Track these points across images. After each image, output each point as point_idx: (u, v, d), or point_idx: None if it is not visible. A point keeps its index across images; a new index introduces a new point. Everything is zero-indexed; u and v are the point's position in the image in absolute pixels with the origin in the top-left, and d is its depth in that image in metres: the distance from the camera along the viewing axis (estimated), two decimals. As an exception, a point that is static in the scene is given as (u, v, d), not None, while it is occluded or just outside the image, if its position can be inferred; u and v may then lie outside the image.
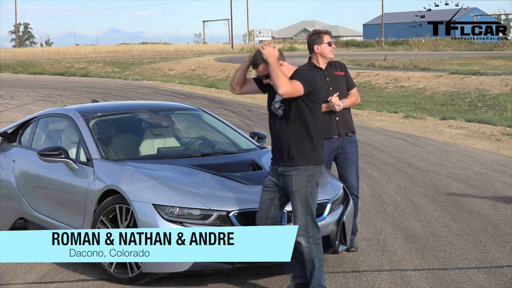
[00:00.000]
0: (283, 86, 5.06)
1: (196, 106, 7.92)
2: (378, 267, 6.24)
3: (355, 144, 6.81)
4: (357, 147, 6.83)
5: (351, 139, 6.78)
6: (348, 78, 6.84)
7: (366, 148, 12.91)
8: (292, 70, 5.30)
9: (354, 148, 6.79)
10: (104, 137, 6.76)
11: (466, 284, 5.78)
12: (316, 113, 5.23)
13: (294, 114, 5.20)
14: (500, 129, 15.14)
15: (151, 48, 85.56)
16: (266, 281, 5.89)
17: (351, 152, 6.77)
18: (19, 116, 18.42)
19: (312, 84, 5.19)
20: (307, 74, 5.25)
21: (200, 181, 5.97)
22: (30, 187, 6.99)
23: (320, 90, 5.27)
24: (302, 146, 5.19)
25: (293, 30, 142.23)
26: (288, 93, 5.08)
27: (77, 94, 27.08)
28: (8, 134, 7.73)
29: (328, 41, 6.72)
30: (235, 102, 23.44)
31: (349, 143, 6.77)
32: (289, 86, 5.08)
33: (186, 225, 5.54)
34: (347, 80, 6.81)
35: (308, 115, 5.19)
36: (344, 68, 6.87)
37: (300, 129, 5.20)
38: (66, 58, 68.42)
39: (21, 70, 48.45)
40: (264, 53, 5.20)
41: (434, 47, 71.15)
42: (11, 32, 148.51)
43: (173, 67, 47.83)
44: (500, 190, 9.29)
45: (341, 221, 6.11)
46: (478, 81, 24.37)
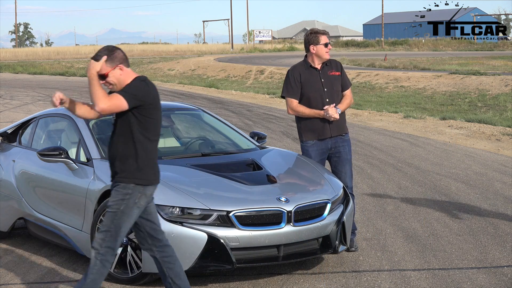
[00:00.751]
0: (99, 102, 4.61)
1: (196, 106, 7.92)
2: (378, 267, 6.24)
3: (349, 143, 6.84)
4: (350, 146, 6.87)
5: (344, 138, 6.82)
6: (344, 77, 6.83)
7: (366, 148, 12.91)
8: (131, 78, 4.78)
9: (348, 147, 6.82)
10: (104, 137, 6.76)
11: (466, 284, 5.78)
12: (150, 128, 4.77)
13: (121, 128, 4.77)
14: (500, 129, 15.14)
15: (151, 48, 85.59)
16: (266, 281, 5.89)
17: (345, 152, 6.80)
18: (19, 116, 18.41)
19: (141, 98, 4.68)
20: (137, 87, 4.72)
21: (200, 181, 5.97)
22: (30, 187, 6.99)
23: (155, 105, 4.77)
24: (125, 163, 4.76)
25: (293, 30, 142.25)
26: (105, 110, 4.63)
27: (77, 94, 27.08)
28: (8, 134, 7.73)
29: (324, 42, 6.69)
30: (235, 102, 23.44)
31: (342, 142, 6.80)
32: (106, 103, 4.62)
33: (186, 225, 5.54)
34: (342, 79, 6.81)
35: (137, 130, 4.73)
36: (340, 67, 6.86)
37: (126, 145, 4.76)
38: (66, 58, 68.43)
39: (21, 70, 48.43)
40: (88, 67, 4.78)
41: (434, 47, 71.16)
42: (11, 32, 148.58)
43: (173, 67, 47.84)
44: (500, 190, 9.29)
45: (341, 221, 6.11)
46: (478, 81, 24.37)
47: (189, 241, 5.50)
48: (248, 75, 37.39)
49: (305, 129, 6.77)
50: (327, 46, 6.71)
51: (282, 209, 5.72)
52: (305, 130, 6.78)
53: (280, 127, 16.14)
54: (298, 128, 6.87)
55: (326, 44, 6.70)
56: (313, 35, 6.74)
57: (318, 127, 6.72)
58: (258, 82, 34.16)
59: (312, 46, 6.72)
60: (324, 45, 6.69)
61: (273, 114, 19.10)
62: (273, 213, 5.71)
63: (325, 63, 6.80)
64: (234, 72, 39.48)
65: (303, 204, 5.85)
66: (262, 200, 5.76)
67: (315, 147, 6.77)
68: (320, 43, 6.69)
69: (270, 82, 33.61)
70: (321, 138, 6.74)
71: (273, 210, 5.71)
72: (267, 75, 36.09)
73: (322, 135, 6.73)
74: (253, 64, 42.48)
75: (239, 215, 5.61)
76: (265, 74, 36.57)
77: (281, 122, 17.24)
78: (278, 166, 6.53)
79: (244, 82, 34.97)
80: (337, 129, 6.76)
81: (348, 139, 6.87)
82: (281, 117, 18.37)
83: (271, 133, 14.89)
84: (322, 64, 6.78)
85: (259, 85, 32.57)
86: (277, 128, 16.06)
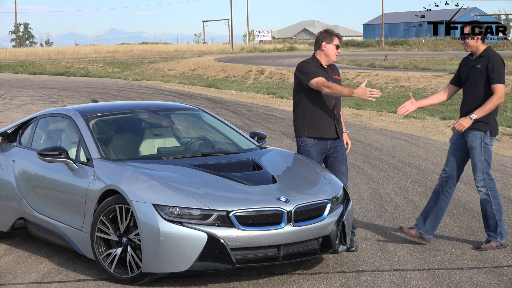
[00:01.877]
0: None
1: (196, 106, 7.92)
2: (378, 267, 6.24)
3: (343, 143, 6.90)
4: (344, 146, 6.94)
5: (341, 139, 6.89)
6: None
7: (366, 148, 12.91)
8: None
9: (343, 148, 6.89)
10: (104, 137, 6.76)
11: (466, 284, 5.78)
12: None
13: None
14: (500, 129, 15.14)
15: (151, 48, 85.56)
16: (266, 281, 5.89)
17: (341, 152, 6.87)
18: (19, 116, 18.41)
19: None
20: None
21: (200, 181, 5.97)
22: (30, 187, 6.98)
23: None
24: None
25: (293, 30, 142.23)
26: None
27: (77, 94, 27.08)
28: (8, 134, 7.73)
29: (337, 43, 6.80)
30: (235, 102, 23.44)
31: (339, 142, 6.88)
32: None
33: (186, 225, 5.54)
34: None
35: None
36: (338, 73, 6.99)
37: None
38: (66, 58, 68.42)
39: (21, 70, 48.43)
40: None
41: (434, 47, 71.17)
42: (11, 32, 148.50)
43: (173, 67, 47.84)
44: (500, 190, 9.28)
45: (341, 221, 6.11)
46: (478, 81, 24.35)
47: (189, 241, 5.50)
48: (248, 75, 37.39)
49: (308, 125, 6.74)
50: (338, 49, 6.79)
51: (282, 209, 5.72)
52: (308, 126, 6.74)
53: (280, 127, 16.14)
54: (298, 123, 6.80)
55: (337, 47, 6.78)
56: (327, 34, 6.82)
57: (324, 125, 6.73)
58: (258, 82, 34.17)
59: (325, 44, 6.76)
60: (335, 46, 6.77)
61: (273, 114, 19.10)
62: (273, 213, 5.71)
63: (330, 66, 6.87)
64: (234, 72, 39.49)
65: (303, 204, 5.85)
66: (262, 200, 5.76)
67: (315, 147, 6.77)
68: (333, 43, 6.77)
69: (270, 82, 33.62)
70: (322, 138, 6.75)
71: (273, 210, 5.71)
72: (267, 75, 36.10)
73: (326, 134, 6.75)
74: (253, 64, 42.48)
75: (239, 215, 5.61)
76: (265, 74, 36.59)
77: (281, 122, 17.24)
78: (278, 166, 6.53)
79: (244, 82, 34.98)
80: (340, 129, 6.86)
81: (343, 139, 6.94)
82: (281, 117, 18.37)
83: (271, 133, 14.89)
84: (327, 66, 6.84)
85: (259, 85, 32.58)
86: (277, 128, 16.06)
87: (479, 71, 6.65)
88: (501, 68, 6.62)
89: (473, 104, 6.69)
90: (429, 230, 6.85)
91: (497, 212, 6.70)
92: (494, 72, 6.59)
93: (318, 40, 6.84)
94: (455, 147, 6.89)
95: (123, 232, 5.89)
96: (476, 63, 6.70)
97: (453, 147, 6.91)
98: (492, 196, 6.72)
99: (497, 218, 6.69)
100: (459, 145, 6.86)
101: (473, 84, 6.70)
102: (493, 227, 6.70)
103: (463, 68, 6.86)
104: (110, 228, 5.93)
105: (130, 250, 5.83)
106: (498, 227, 6.69)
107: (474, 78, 6.68)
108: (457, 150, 6.88)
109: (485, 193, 6.73)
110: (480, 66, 6.65)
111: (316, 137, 6.77)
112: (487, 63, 6.62)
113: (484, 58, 6.66)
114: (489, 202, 6.71)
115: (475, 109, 6.65)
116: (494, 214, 6.69)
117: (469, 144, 6.73)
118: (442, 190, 6.89)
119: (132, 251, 5.82)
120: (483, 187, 6.73)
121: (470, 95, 6.72)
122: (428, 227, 6.85)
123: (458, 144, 6.87)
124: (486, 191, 6.73)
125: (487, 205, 6.72)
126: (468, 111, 6.69)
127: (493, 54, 6.66)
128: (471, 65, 6.74)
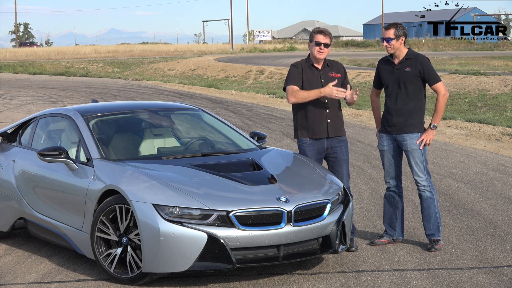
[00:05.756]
0: None
1: (196, 106, 7.92)
2: (378, 267, 6.24)
3: (345, 143, 6.86)
4: (347, 147, 6.89)
5: (341, 139, 6.84)
6: (345, 80, 6.83)
7: (366, 148, 12.91)
8: None
9: (344, 148, 6.84)
10: (104, 137, 6.76)
11: (466, 284, 5.78)
12: None
13: None
14: (500, 129, 15.14)
15: (151, 48, 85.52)
16: (266, 281, 5.89)
17: (342, 152, 6.81)
18: (19, 116, 18.41)
19: None
20: None
21: (200, 181, 5.97)
22: (30, 187, 6.99)
23: None
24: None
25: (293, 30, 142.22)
26: None
27: (77, 94, 27.08)
28: (8, 134, 7.73)
29: (317, 40, 6.71)
30: (235, 102, 23.44)
31: (339, 143, 6.81)
32: None
33: (186, 225, 5.54)
34: (343, 82, 6.80)
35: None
36: (342, 70, 6.87)
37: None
38: (66, 58, 68.39)
39: (21, 70, 48.41)
40: None
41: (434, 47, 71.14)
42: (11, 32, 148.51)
43: (173, 67, 47.83)
44: (500, 190, 9.29)
45: (341, 221, 6.11)
46: (478, 81, 24.36)
47: (189, 241, 5.50)
48: (248, 75, 37.38)
49: (301, 127, 6.79)
50: (319, 46, 6.70)
51: (282, 209, 5.73)
52: (301, 128, 6.79)
53: (280, 127, 16.14)
54: (294, 124, 6.90)
55: (318, 43, 6.70)
56: (312, 32, 6.84)
57: (315, 126, 6.72)
58: (258, 82, 34.16)
59: (309, 43, 6.81)
60: (315, 44, 6.70)
61: (273, 114, 19.10)
62: (273, 213, 5.71)
63: (327, 64, 6.81)
64: (234, 72, 39.48)
65: (303, 204, 5.86)
66: (262, 200, 5.76)
67: (311, 146, 6.78)
68: (314, 40, 6.73)
69: (270, 82, 33.61)
70: (317, 138, 6.75)
71: (273, 210, 5.71)
72: (267, 75, 36.09)
73: (318, 134, 6.73)
74: (253, 64, 42.47)
75: (239, 215, 5.62)
76: (265, 74, 36.58)
77: (281, 122, 17.25)
78: (278, 166, 6.53)
79: (244, 82, 34.98)
80: (334, 131, 6.77)
81: (345, 140, 6.88)
82: (281, 117, 18.37)
83: (271, 133, 14.90)
84: (323, 65, 6.79)
85: (259, 85, 32.57)
86: (277, 128, 16.06)
87: (410, 74, 6.70)
88: (432, 68, 6.74)
89: (404, 106, 6.72)
90: (399, 233, 6.98)
91: (438, 210, 6.83)
92: (430, 74, 6.71)
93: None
94: (388, 154, 6.88)
95: (123, 232, 5.89)
96: (403, 66, 6.74)
97: (386, 154, 6.89)
98: (435, 195, 6.85)
99: (439, 215, 6.79)
100: (391, 150, 6.88)
101: (402, 87, 6.72)
102: (436, 225, 6.75)
103: (385, 72, 6.86)
104: (110, 228, 5.94)
105: (130, 250, 5.83)
106: (440, 225, 6.77)
107: (405, 81, 6.72)
108: (391, 156, 6.88)
109: (429, 191, 6.81)
110: (410, 69, 6.70)
111: (310, 137, 6.77)
112: (418, 67, 6.69)
113: (412, 61, 6.73)
114: (432, 201, 6.79)
115: (408, 111, 6.70)
116: (436, 212, 6.78)
117: (408, 147, 6.76)
118: (394, 194, 6.98)
119: (132, 251, 5.83)
120: (427, 186, 6.81)
121: (399, 97, 6.73)
122: (399, 231, 6.98)
123: (389, 150, 6.88)
124: (430, 189, 6.82)
125: (431, 204, 6.80)
126: (401, 113, 6.71)
127: (421, 57, 6.74)
128: (396, 68, 6.76)
